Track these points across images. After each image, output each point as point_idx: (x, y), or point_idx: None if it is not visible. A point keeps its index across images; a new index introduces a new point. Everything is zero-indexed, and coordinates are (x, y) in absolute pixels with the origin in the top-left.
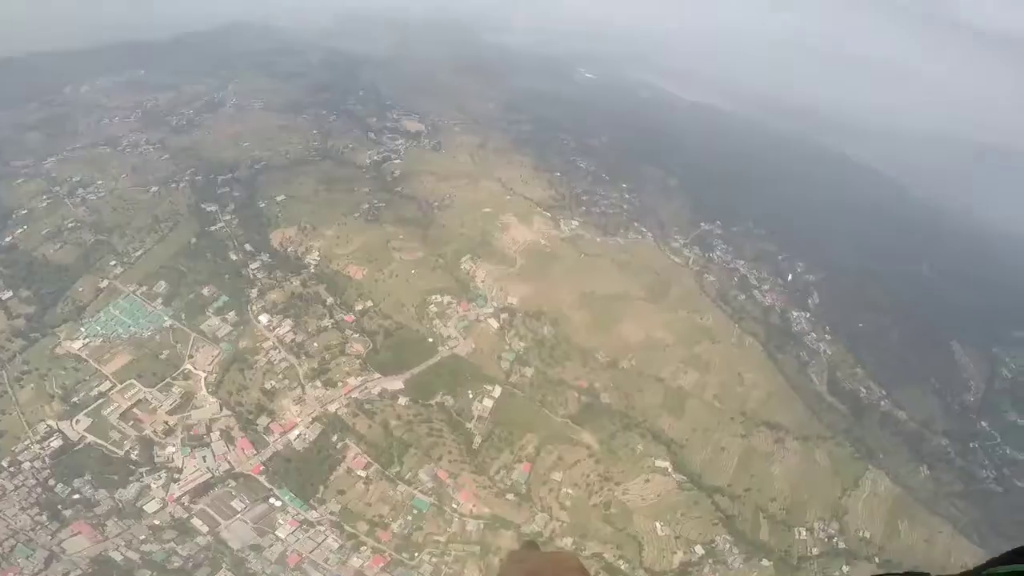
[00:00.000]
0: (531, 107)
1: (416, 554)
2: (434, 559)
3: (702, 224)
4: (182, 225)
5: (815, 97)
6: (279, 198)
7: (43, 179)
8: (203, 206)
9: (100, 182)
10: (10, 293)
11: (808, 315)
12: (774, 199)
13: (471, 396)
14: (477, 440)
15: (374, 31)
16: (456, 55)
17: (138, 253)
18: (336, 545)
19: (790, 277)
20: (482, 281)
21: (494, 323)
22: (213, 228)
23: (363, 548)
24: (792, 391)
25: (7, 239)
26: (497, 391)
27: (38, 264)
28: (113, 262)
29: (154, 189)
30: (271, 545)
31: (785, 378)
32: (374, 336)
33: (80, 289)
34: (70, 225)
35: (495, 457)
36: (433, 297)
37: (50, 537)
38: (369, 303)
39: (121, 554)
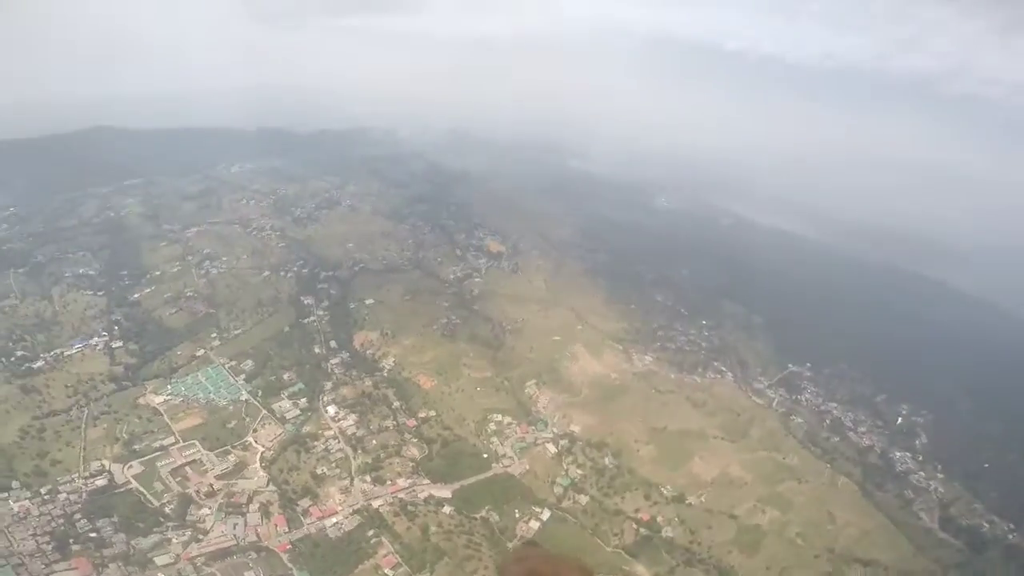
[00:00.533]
0: (608, 235)
1: None
2: None
3: (789, 365)
4: (280, 313)
5: (909, 220)
6: (368, 301)
7: (181, 246)
8: (302, 298)
9: (224, 258)
10: (120, 343)
11: (914, 455)
12: (868, 335)
13: (518, 515)
14: None
15: (471, 148)
16: (541, 176)
17: (237, 332)
18: None
19: (899, 420)
20: (544, 407)
21: (552, 448)
22: (306, 320)
23: None
24: (894, 528)
25: (135, 295)
26: (546, 514)
27: (152, 323)
28: (214, 334)
29: (266, 274)
30: None
31: (886, 516)
32: (431, 443)
33: (179, 353)
34: (188, 294)
35: None
36: (494, 416)
37: (44, 566)
38: (432, 412)
39: None
